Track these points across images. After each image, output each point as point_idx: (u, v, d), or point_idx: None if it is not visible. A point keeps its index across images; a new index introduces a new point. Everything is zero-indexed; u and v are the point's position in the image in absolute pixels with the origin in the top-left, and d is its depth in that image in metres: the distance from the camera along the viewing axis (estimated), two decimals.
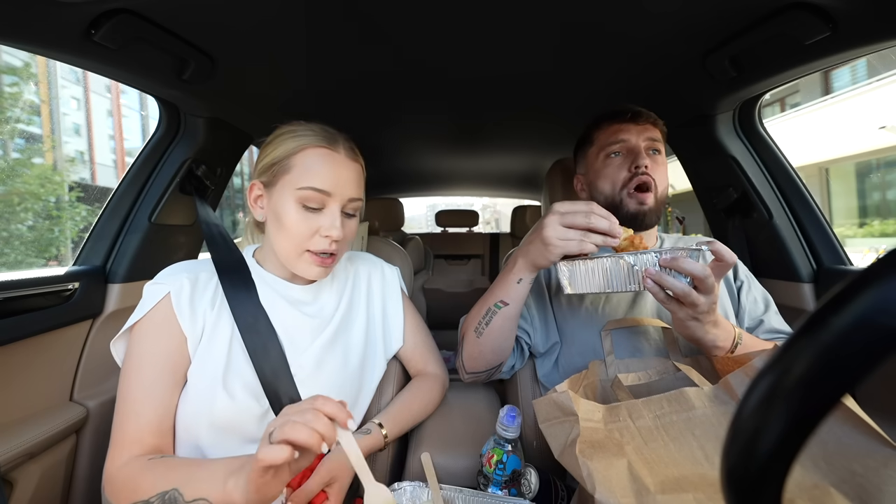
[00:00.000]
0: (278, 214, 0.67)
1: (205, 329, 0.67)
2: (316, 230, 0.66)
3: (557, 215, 0.63)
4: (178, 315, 0.65)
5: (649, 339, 0.80)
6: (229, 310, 0.68)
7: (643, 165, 0.80)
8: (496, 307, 0.74)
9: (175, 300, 0.65)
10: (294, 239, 0.66)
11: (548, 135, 1.52)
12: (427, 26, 0.78)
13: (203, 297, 0.69)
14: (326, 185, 0.66)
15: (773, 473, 0.19)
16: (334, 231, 0.66)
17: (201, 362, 0.66)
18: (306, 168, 0.66)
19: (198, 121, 1.04)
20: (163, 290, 0.66)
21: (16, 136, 7.17)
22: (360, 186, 0.71)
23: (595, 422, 0.55)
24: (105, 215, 1.00)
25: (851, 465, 0.43)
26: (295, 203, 0.66)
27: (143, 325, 0.64)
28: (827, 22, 0.67)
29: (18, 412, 0.81)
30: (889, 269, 0.17)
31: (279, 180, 0.67)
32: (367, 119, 1.29)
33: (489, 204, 15.10)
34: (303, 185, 0.65)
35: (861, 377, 0.16)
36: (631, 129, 0.83)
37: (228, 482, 0.49)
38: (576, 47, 0.86)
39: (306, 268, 0.69)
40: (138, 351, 0.64)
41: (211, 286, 0.71)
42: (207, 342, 0.67)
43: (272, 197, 0.68)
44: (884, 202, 7.17)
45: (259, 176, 0.70)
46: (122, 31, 0.68)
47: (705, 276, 0.59)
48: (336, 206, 0.67)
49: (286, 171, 0.66)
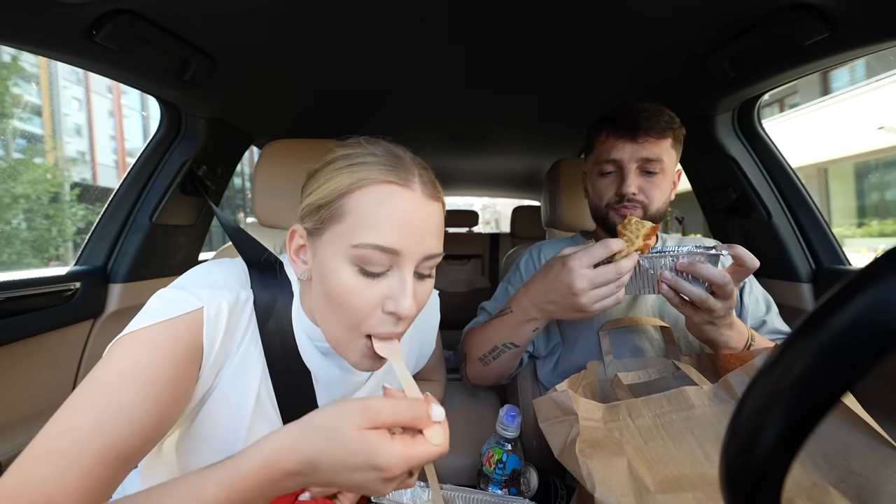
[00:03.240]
0: (325, 279, 0.48)
1: (226, 369, 0.51)
2: (378, 303, 0.47)
3: (587, 281, 0.58)
4: (207, 345, 0.47)
5: (649, 339, 0.80)
6: (260, 345, 0.53)
7: (629, 193, 0.76)
8: (505, 347, 0.75)
9: (209, 325, 0.47)
10: (347, 315, 0.47)
11: (548, 135, 1.52)
12: (427, 27, 0.79)
13: (238, 327, 0.51)
14: (395, 239, 0.46)
15: (772, 472, 0.19)
16: (404, 304, 0.46)
17: (215, 411, 0.51)
18: (365, 215, 0.46)
19: (198, 121, 1.04)
20: (194, 304, 0.47)
21: (17, 136, 7.16)
22: (441, 236, 0.52)
23: (594, 421, 0.55)
24: (106, 215, 1.00)
25: (850, 465, 0.43)
26: (349, 265, 0.46)
27: (148, 336, 0.44)
28: (826, 23, 0.68)
29: (20, 412, 0.81)
30: (887, 268, 0.17)
31: (327, 229, 0.48)
32: (368, 119, 1.29)
33: (489, 204, 15.10)
34: (361, 242, 0.45)
35: (860, 376, 0.17)
36: (626, 147, 0.77)
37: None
38: (576, 48, 0.86)
39: (358, 360, 0.50)
40: (119, 366, 0.42)
41: (247, 311, 0.53)
42: (231, 381, 0.51)
43: (317, 251, 0.49)
44: (882, 202, 7.18)
45: (303, 220, 0.51)
46: (124, 32, 0.69)
47: (725, 282, 0.57)
48: (408, 267, 0.47)
49: (337, 218, 0.47)
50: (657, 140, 0.76)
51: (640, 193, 0.77)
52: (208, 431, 0.51)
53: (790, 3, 0.67)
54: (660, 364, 0.75)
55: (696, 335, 0.66)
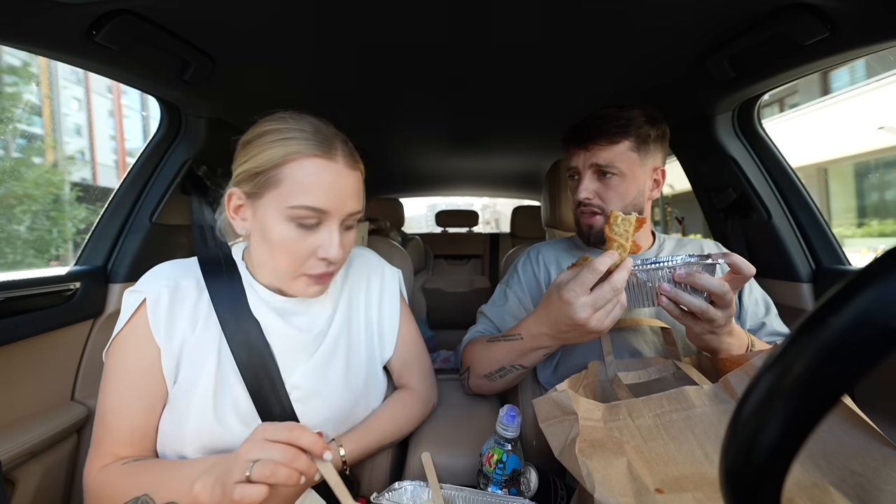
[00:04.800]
0: (266, 232, 0.59)
1: (185, 344, 0.61)
2: (312, 251, 0.59)
3: (589, 308, 0.58)
4: (154, 328, 0.60)
5: (649, 341, 0.80)
6: (217, 321, 0.62)
7: (582, 199, 0.81)
8: (513, 368, 0.75)
9: (151, 311, 0.60)
10: (287, 261, 0.59)
11: (548, 135, 1.52)
12: (427, 27, 0.79)
13: (183, 307, 0.62)
14: (323, 202, 0.57)
15: (772, 472, 0.19)
16: (332, 251, 0.58)
17: (186, 381, 0.60)
18: (298, 183, 0.56)
19: (198, 121, 1.04)
20: (137, 298, 0.60)
21: (17, 136, 7.16)
22: (360, 197, 0.63)
23: (594, 420, 0.55)
24: (106, 215, 1.00)
25: (851, 464, 0.43)
26: (286, 222, 0.57)
27: (120, 337, 0.60)
28: (825, 23, 0.68)
29: (20, 411, 0.81)
30: (886, 268, 0.17)
31: (265, 193, 0.58)
32: (368, 119, 1.29)
33: (489, 204, 15.12)
34: (295, 204, 0.56)
35: (860, 376, 0.17)
36: (580, 154, 0.81)
37: (196, 485, 0.49)
38: (575, 48, 0.86)
39: (303, 289, 0.62)
40: (112, 364, 0.60)
41: (192, 294, 0.64)
42: (192, 359, 0.61)
43: (257, 211, 0.59)
44: (882, 202, 7.18)
45: (239, 184, 0.60)
46: (124, 32, 0.69)
47: (724, 292, 0.57)
48: (334, 222, 0.59)
49: (274, 184, 0.57)
50: (607, 145, 0.78)
51: (595, 198, 0.80)
52: (179, 399, 0.61)
53: (790, 2, 0.67)
54: (660, 364, 0.75)
55: (697, 344, 0.65)
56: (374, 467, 0.75)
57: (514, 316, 0.87)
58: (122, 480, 0.55)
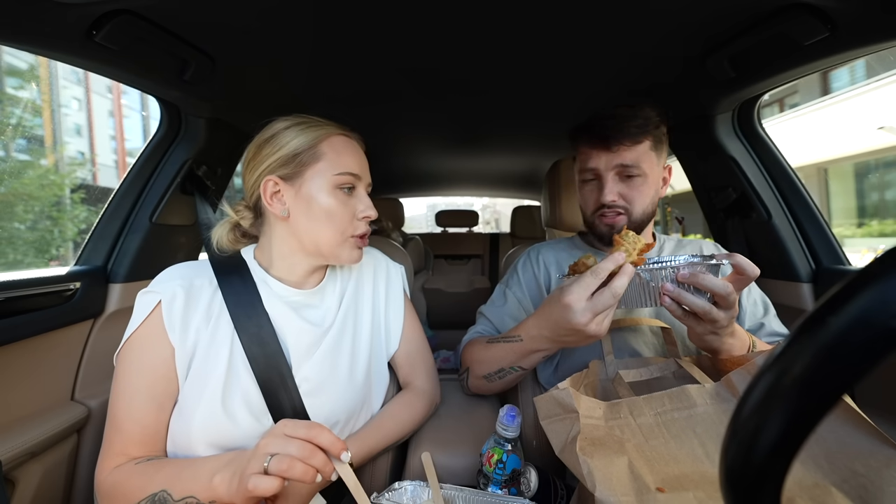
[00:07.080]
0: (313, 204, 0.65)
1: (199, 342, 0.63)
2: (353, 214, 0.68)
3: (589, 314, 0.58)
4: (168, 328, 0.61)
5: (647, 342, 0.80)
6: (229, 318, 0.64)
7: (609, 201, 0.78)
8: (512, 370, 0.75)
9: (166, 311, 0.62)
10: (338, 225, 0.67)
11: (548, 135, 1.52)
12: (427, 27, 0.79)
13: (198, 306, 0.65)
14: (358, 168, 0.68)
15: (773, 472, 0.19)
16: (371, 211, 0.69)
17: (197, 377, 0.62)
18: (338, 153, 0.67)
19: (198, 121, 1.04)
20: (153, 299, 0.62)
21: (18, 136, 7.17)
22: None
23: (596, 419, 0.55)
24: (106, 215, 1.00)
25: (853, 465, 0.43)
26: (333, 189, 0.66)
27: (134, 338, 0.61)
28: (825, 23, 0.68)
29: (20, 411, 0.81)
30: (886, 268, 0.17)
31: (307, 170, 0.66)
32: (368, 119, 1.29)
33: (489, 204, 15.12)
34: (340, 171, 0.66)
35: (860, 376, 0.17)
36: (601, 156, 0.79)
37: (215, 478, 0.50)
38: (575, 48, 0.86)
39: (350, 253, 0.69)
40: (125, 366, 0.61)
41: (206, 293, 0.66)
42: (204, 355, 0.63)
43: (301, 188, 0.66)
44: (882, 202, 7.17)
45: (274, 171, 0.66)
46: (124, 32, 0.69)
47: (727, 292, 0.57)
48: (363, 187, 0.70)
49: (314, 159, 0.66)
50: (632, 145, 0.77)
51: (620, 199, 0.79)
52: (190, 394, 0.62)
53: (790, 2, 0.67)
54: (662, 363, 0.75)
55: (699, 344, 0.65)
56: (374, 467, 0.75)
57: (514, 317, 0.87)
58: (137, 478, 0.56)
